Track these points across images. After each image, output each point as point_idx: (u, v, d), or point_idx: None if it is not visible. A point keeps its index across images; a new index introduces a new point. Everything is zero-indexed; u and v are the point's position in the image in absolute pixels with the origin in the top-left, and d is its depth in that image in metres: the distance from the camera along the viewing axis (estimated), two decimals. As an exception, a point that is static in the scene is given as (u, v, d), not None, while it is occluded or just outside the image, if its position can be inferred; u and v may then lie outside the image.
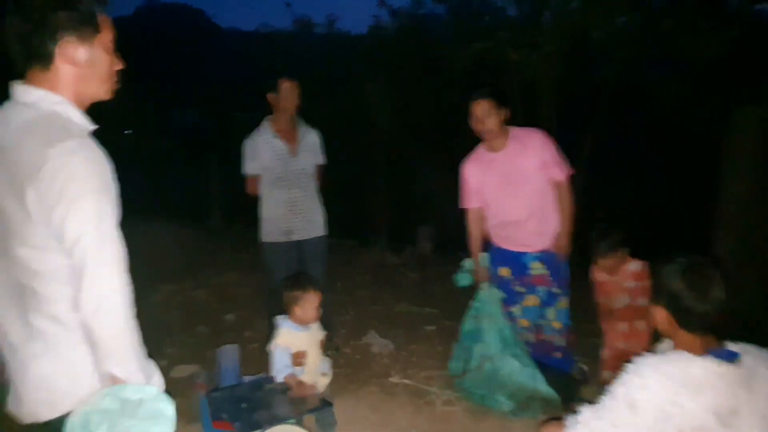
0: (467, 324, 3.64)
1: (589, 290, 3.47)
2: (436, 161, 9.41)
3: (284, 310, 2.86)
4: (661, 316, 1.68)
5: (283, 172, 3.86)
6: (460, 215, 3.65)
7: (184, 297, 5.60)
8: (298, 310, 2.81)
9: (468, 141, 3.55)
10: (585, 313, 3.83)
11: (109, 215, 1.37)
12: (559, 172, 3.35)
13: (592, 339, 4.29)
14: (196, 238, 8.54)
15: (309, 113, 4.13)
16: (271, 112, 3.93)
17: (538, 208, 3.36)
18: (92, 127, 1.46)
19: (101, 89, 1.50)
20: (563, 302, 3.47)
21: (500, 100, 3.25)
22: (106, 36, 1.48)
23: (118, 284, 1.36)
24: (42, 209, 1.31)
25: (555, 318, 3.47)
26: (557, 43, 7.03)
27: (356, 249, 8.25)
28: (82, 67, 1.44)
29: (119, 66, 1.54)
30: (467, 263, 3.72)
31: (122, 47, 1.55)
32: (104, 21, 1.47)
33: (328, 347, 3.56)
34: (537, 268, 3.43)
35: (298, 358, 2.78)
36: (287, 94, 3.80)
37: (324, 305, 2.95)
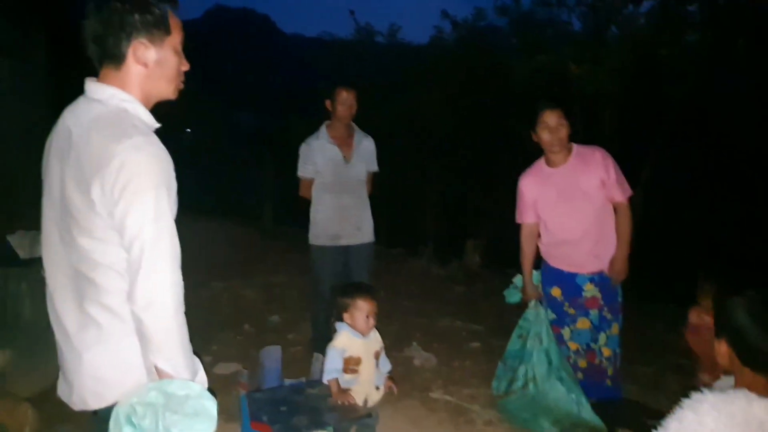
0: (513, 343, 3.55)
1: (639, 318, 3.33)
2: (491, 173, 9.30)
3: (336, 315, 2.82)
4: (723, 351, 1.58)
5: (336, 177, 3.89)
6: (511, 229, 3.57)
7: (232, 294, 5.70)
8: (347, 318, 2.77)
9: (524, 154, 3.48)
10: (635, 340, 3.68)
11: (167, 212, 1.40)
12: (620, 193, 3.23)
13: (641, 367, 4.13)
14: (247, 237, 8.72)
15: (366, 120, 4.15)
16: (328, 118, 3.97)
17: (595, 228, 3.25)
18: (157, 125, 1.51)
19: (168, 89, 1.56)
20: (615, 328, 3.33)
21: (568, 112, 3.18)
22: (176, 38, 1.53)
23: (172, 280, 1.39)
24: (106, 202, 1.36)
25: (605, 344, 3.33)
26: (622, 58, 6.84)
27: (403, 258, 8.23)
28: (152, 67, 1.49)
29: (186, 67, 1.59)
30: (517, 280, 3.63)
31: (189, 48, 1.60)
32: (174, 23, 1.52)
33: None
34: (590, 291, 3.31)
35: (350, 364, 2.71)
36: (344, 102, 3.83)
37: None
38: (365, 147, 4.01)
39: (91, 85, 1.48)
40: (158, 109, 1.57)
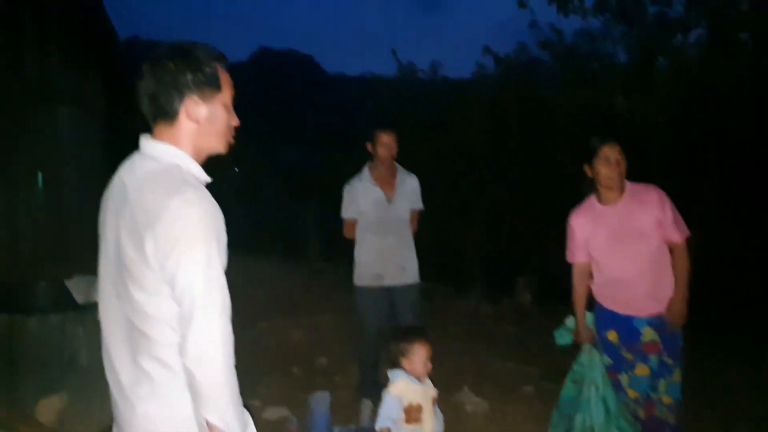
0: (567, 389, 3.39)
1: (703, 360, 3.15)
2: (539, 208, 9.14)
3: (392, 362, 2.75)
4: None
5: (379, 218, 3.91)
6: (562, 266, 3.46)
7: (278, 335, 5.70)
8: (406, 363, 2.67)
9: (571, 189, 3.39)
10: (699, 385, 3.48)
11: (218, 265, 1.42)
12: (677, 233, 3.10)
13: (708, 412, 3.90)
14: (293, 276, 8.77)
15: (409, 156, 4.16)
16: (371, 158, 4.01)
17: (651, 269, 3.11)
18: (208, 179, 1.55)
19: (219, 144, 1.60)
20: (677, 374, 3.15)
21: (624, 148, 3.11)
22: (226, 94, 1.57)
23: (222, 333, 1.39)
24: (158, 256, 1.38)
25: (666, 391, 3.15)
26: (672, 89, 6.68)
27: (451, 296, 8.10)
28: (203, 123, 1.54)
29: (236, 122, 1.63)
30: (569, 321, 3.50)
31: (236, 90, 1.64)
32: (225, 80, 1.57)
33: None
34: (648, 335, 3.15)
35: (412, 414, 2.59)
36: (384, 144, 3.88)
37: None
38: (408, 185, 4.01)
39: (146, 142, 1.54)
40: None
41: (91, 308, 3.21)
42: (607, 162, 3.06)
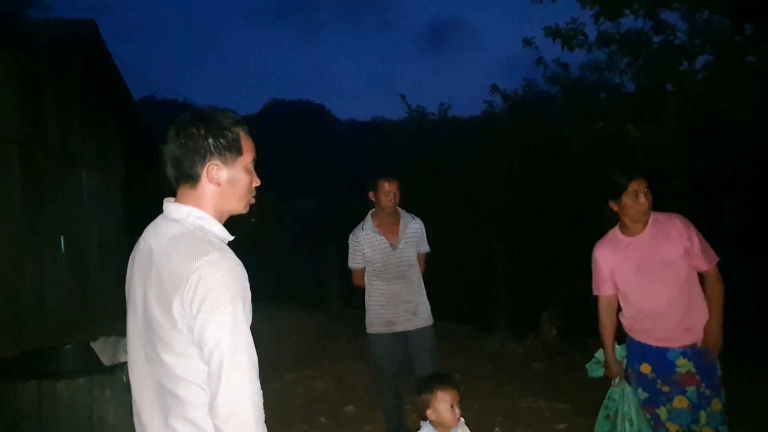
0: (600, 425, 3.30)
1: (743, 388, 3.05)
2: (558, 241, 9.06)
3: (419, 414, 2.64)
4: None
5: (384, 265, 3.94)
6: (587, 299, 3.41)
7: (304, 386, 5.64)
8: (432, 414, 2.54)
9: (589, 221, 3.36)
10: (742, 415, 3.36)
11: (244, 323, 1.43)
12: (705, 262, 3.06)
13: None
14: (315, 324, 8.73)
15: (423, 196, 4.19)
16: (373, 206, 4.06)
17: (681, 299, 3.06)
18: (230, 237, 1.59)
19: (239, 205, 1.63)
20: (716, 404, 3.05)
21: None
22: (247, 158, 1.61)
23: (251, 391, 1.40)
24: (185, 318, 1.40)
25: (707, 423, 3.05)
26: (684, 117, 6.67)
27: (474, 335, 7.98)
28: (224, 185, 1.57)
29: (257, 183, 1.67)
30: (599, 354, 3.43)
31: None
32: (247, 145, 1.61)
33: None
34: (684, 366, 3.06)
35: None
36: (387, 193, 3.91)
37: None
38: (412, 230, 4.03)
39: (169, 206, 1.57)
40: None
41: (118, 369, 3.22)
42: (636, 197, 3.01)
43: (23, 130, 6.24)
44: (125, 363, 3.25)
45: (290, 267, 14.77)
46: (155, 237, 1.54)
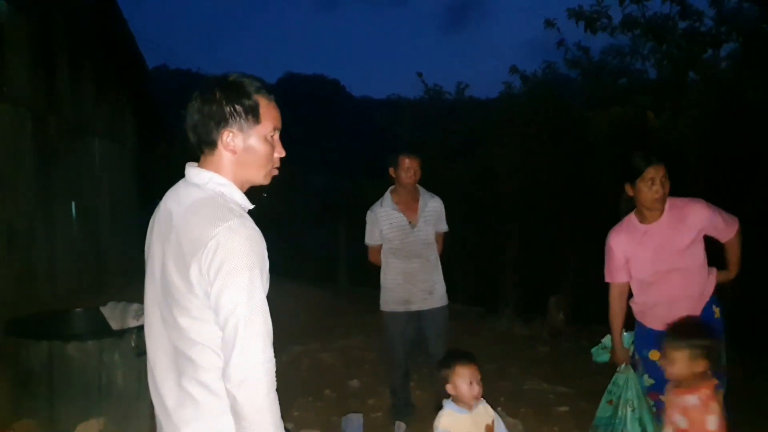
0: (603, 409, 3.31)
1: (746, 378, 3.03)
2: (571, 226, 9.00)
3: (439, 391, 2.64)
4: None
5: (402, 243, 3.90)
6: (596, 283, 3.38)
7: (311, 359, 5.69)
8: (451, 389, 2.54)
9: (604, 207, 3.31)
10: (743, 403, 3.35)
11: (260, 291, 1.44)
12: (729, 231, 3.07)
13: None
14: (323, 300, 8.78)
15: (438, 178, 4.15)
16: (393, 183, 4.01)
17: (694, 287, 3.03)
18: (251, 206, 1.58)
19: (258, 175, 1.61)
20: (720, 393, 3.05)
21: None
22: (267, 126, 1.58)
23: (264, 358, 1.41)
24: (202, 283, 1.41)
25: (713, 411, 3.04)
26: (705, 104, 6.53)
27: (483, 317, 8.01)
28: (240, 153, 1.55)
29: (281, 154, 1.64)
30: (606, 340, 3.42)
31: None
32: (268, 114, 1.58)
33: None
34: (692, 353, 3.05)
35: None
36: (407, 169, 3.86)
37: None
38: (432, 208, 3.98)
39: (191, 170, 1.57)
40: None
41: (127, 334, 3.25)
42: (652, 184, 2.95)
43: (36, 94, 6.23)
44: (134, 328, 3.31)
45: (301, 243, 14.82)
46: (176, 201, 1.54)
